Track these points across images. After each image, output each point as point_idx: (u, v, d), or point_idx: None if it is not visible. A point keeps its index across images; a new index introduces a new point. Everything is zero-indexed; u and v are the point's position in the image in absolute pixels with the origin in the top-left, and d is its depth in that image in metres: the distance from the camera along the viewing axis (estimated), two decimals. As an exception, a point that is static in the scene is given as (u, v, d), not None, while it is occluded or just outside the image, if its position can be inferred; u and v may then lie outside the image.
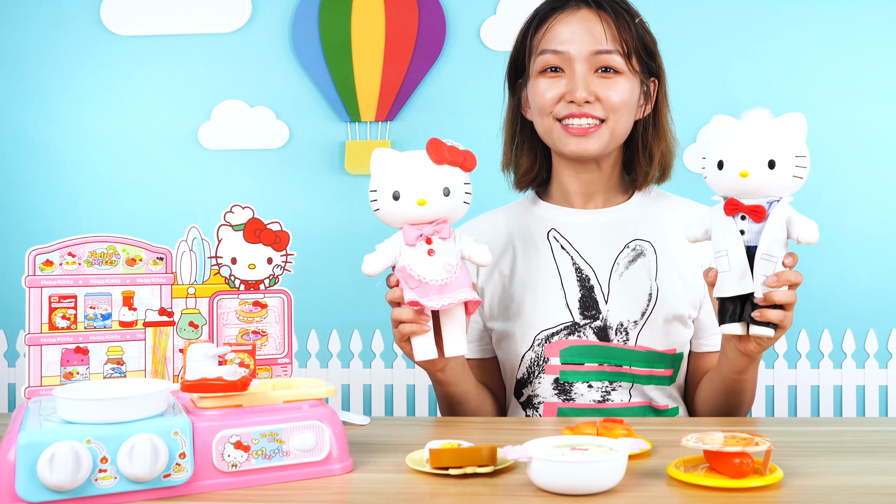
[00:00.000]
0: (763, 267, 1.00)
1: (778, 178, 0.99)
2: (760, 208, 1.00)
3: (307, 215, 2.37)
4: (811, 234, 1.00)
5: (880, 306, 2.31)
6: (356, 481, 0.87)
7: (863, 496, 0.80)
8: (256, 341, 1.05)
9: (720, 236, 1.03)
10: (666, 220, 1.34)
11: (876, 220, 2.32)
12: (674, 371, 1.31)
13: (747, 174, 0.99)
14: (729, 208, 1.01)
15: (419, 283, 1.07)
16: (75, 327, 0.98)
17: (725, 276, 1.02)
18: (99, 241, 1.00)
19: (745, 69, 2.33)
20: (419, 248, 1.08)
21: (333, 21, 2.35)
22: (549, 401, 1.30)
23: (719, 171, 1.01)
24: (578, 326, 1.29)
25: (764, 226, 1.00)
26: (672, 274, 1.30)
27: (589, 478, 0.79)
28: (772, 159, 0.98)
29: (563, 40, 1.27)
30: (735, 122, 1.04)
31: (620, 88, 1.26)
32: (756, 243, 1.01)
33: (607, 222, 1.34)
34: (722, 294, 1.03)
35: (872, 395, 2.31)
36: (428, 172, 1.07)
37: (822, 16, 2.32)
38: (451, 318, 1.10)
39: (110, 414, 0.80)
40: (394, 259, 1.10)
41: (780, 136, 0.99)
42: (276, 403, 0.89)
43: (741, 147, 0.99)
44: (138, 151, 2.40)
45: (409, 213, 1.08)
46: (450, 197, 1.07)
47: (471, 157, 1.09)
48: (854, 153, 2.32)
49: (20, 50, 2.39)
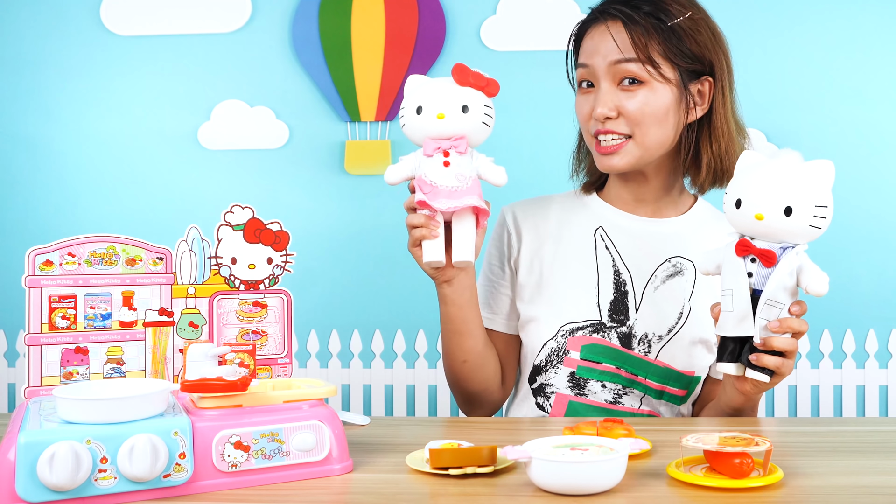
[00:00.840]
0: (766, 312, 1.00)
1: (793, 226, 0.97)
2: (771, 254, 0.99)
3: (307, 215, 2.37)
4: (820, 286, 1.00)
5: (880, 306, 2.31)
6: (356, 481, 0.87)
7: (863, 496, 0.80)
8: (256, 341, 1.05)
9: (728, 275, 1.03)
10: (712, 243, 1.33)
11: (876, 220, 2.32)
12: (687, 392, 1.31)
13: (762, 217, 0.98)
14: (740, 249, 1.01)
15: (431, 188, 1.12)
16: (75, 327, 0.98)
17: (727, 315, 1.02)
18: (99, 241, 1.00)
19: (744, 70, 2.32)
20: (436, 158, 1.13)
21: (333, 21, 2.35)
22: (563, 392, 1.30)
23: (737, 209, 1.00)
24: (604, 327, 1.29)
25: (773, 271, 0.99)
26: (707, 297, 1.30)
27: (589, 478, 0.79)
28: (789, 206, 0.97)
29: (589, 53, 1.27)
30: (762, 162, 1.02)
31: (642, 99, 1.23)
32: (762, 287, 1.00)
33: (654, 233, 1.33)
34: (721, 333, 1.04)
35: (872, 396, 2.31)
36: (450, 90, 1.13)
37: (823, 16, 2.32)
38: (460, 225, 1.14)
39: (110, 414, 0.80)
40: (413, 170, 1.15)
41: (803, 183, 0.97)
42: (276, 403, 0.89)
43: (760, 189, 0.98)
44: (138, 151, 2.40)
45: (429, 127, 1.13)
46: (468, 114, 1.12)
47: (494, 84, 1.14)
48: (854, 153, 2.32)
49: (20, 50, 2.39)
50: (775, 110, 2.31)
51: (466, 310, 1.25)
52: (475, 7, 2.36)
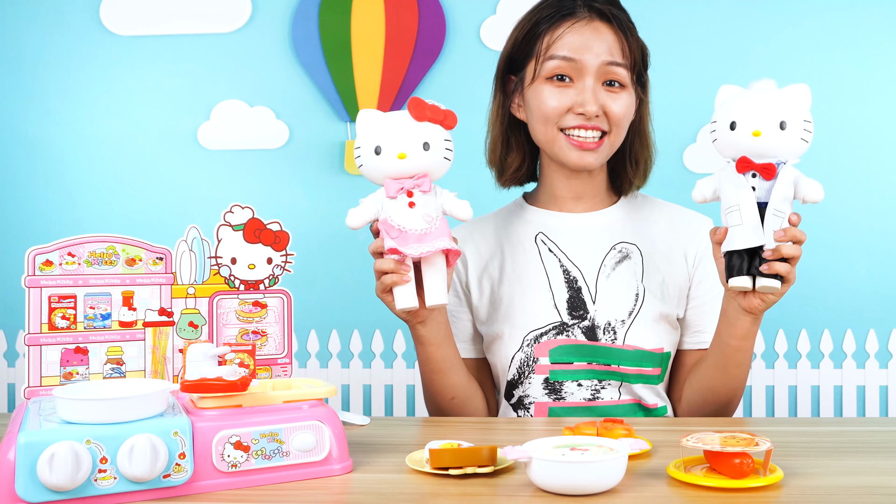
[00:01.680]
0: (773, 222, 1.04)
1: (788, 140, 1.03)
2: (771, 166, 1.04)
3: (307, 215, 2.37)
4: (817, 193, 1.05)
5: (881, 306, 2.31)
6: (356, 481, 0.87)
7: (863, 496, 0.80)
8: (256, 341, 1.05)
9: (732, 192, 1.06)
10: (651, 224, 1.37)
11: (876, 220, 2.32)
12: (662, 370, 1.32)
13: (760, 133, 1.03)
14: (741, 166, 1.05)
15: (399, 233, 1.09)
16: (75, 327, 0.98)
17: (737, 229, 1.05)
18: (98, 241, 1.00)
19: (744, 70, 2.33)
20: (400, 200, 1.10)
21: (333, 21, 2.34)
22: (540, 401, 1.30)
23: (731, 131, 1.05)
24: (567, 326, 1.30)
25: (774, 183, 1.04)
26: (658, 275, 1.33)
27: (589, 478, 0.79)
28: (783, 121, 1.03)
29: (576, 48, 1.27)
30: (743, 91, 1.08)
31: (624, 102, 1.29)
32: (765, 200, 1.05)
33: (594, 225, 1.36)
34: (733, 247, 1.06)
35: (873, 396, 2.31)
36: (408, 128, 1.10)
37: (823, 15, 2.32)
38: (431, 268, 1.12)
39: (110, 414, 0.80)
40: (377, 213, 1.13)
41: (790, 101, 1.05)
42: (275, 403, 0.89)
43: (754, 108, 1.04)
44: (138, 151, 2.39)
45: (390, 168, 1.10)
46: (430, 151, 1.10)
47: (451, 116, 1.12)
48: (854, 153, 2.32)
49: (20, 50, 2.39)
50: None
51: (444, 347, 1.24)
52: (475, 7, 2.36)
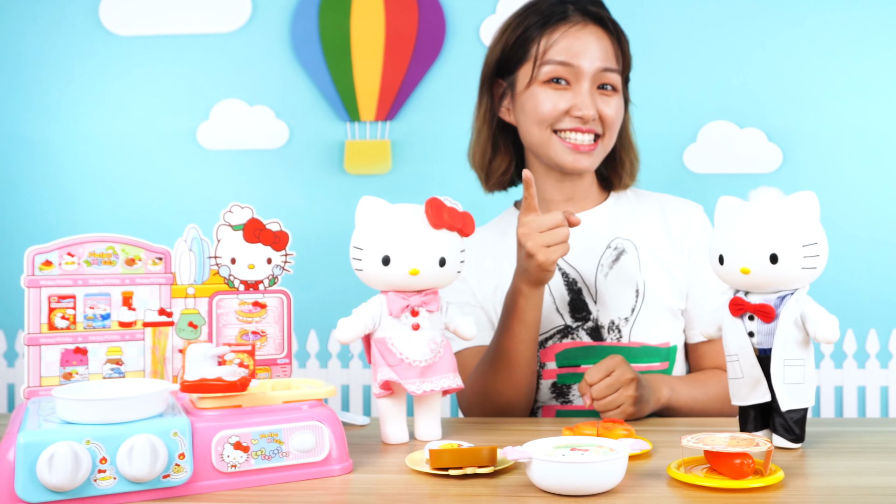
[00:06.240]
0: (789, 375, 0.91)
1: (783, 273, 0.90)
2: (768, 308, 0.91)
3: (307, 215, 2.36)
4: (830, 332, 0.89)
5: (881, 306, 2.31)
6: (356, 482, 0.87)
7: (863, 497, 0.80)
8: (256, 341, 1.05)
9: (729, 339, 0.95)
10: (643, 217, 1.37)
11: (876, 221, 2.31)
12: (670, 364, 1.32)
13: (748, 272, 0.90)
14: (734, 308, 0.93)
15: (399, 362, 0.99)
16: (74, 327, 0.98)
17: (738, 383, 0.95)
18: (98, 241, 1.00)
19: (745, 69, 2.33)
20: (403, 320, 0.99)
21: (333, 21, 2.34)
22: (548, 404, 1.31)
23: (721, 265, 0.93)
24: (571, 329, 1.30)
25: (776, 327, 0.91)
26: (655, 268, 1.33)
27: (589, 478, 0.79)
28: (773, 253, 0.89)
29: (574, 53, 1.27)
30: (738, 207, 0.95)
31: (617, 106, 1.31)
32: (768, 346, 0.92)
33: (587, 225, 1.35)
34: (738, 403, 0.97)
35: (873, 396, 2.31)
36: (424, 238, 0.97)
37: (823, 16, 2.32)
38: (427, 403, 1.02)
39: (109, 414, 0.80)
40: (373, 327, 1.01)
41: (785, 225, 0.90)
42: (275, 404, 0.88)
43: (740, 242, 0.91)
44: (137, 151, 2.39)
45: (398, 282, 0.98)
46: (445, 267, 0.98)
47: (470, 222, 1.01)
48: (854, 153, 2.31)
49: (20, 50, 2.39)
50: (775, 110, 2.31)
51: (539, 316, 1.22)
52: (475, 7, 2.36)
